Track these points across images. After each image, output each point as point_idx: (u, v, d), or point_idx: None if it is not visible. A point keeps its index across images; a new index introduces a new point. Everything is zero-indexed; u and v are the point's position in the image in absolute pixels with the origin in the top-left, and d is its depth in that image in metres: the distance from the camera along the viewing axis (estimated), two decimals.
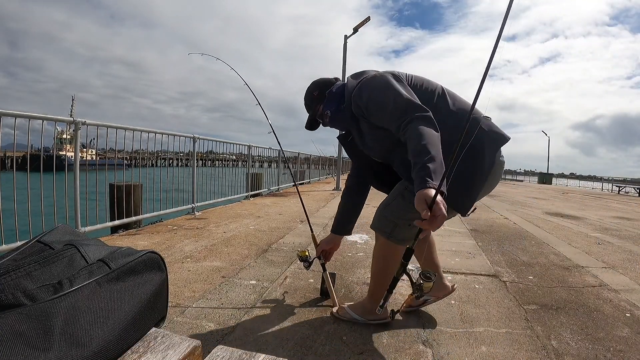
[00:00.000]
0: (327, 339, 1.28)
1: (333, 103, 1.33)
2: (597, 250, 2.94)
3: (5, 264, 0.47)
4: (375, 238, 1.38)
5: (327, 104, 1.34)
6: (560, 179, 28.98)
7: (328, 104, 1.34)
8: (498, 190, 10.90)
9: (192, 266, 2.06)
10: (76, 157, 2.61)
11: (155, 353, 0.50)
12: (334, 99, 1.34)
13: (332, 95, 1.35)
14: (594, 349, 1.29)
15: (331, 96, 1.34)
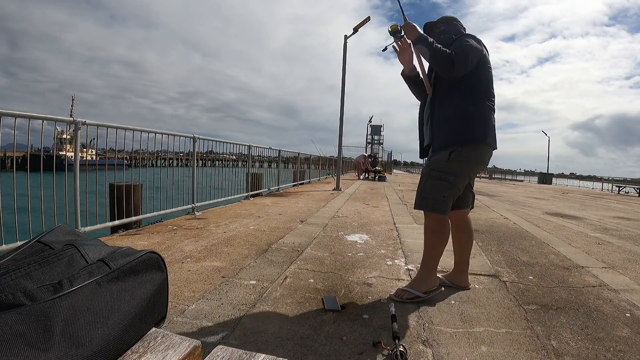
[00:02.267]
0: (327, 339, 1.28)
1: (450, 30, 1.89)
2: (597, 250, 2.94)
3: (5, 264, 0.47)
4: (424, 217, 1.76)
5: (446, 27, 1.90)
6: (560, 179, 29.00)
7: (447, 28, 1.89)
8: (498, 190, 10.90)
9: (192, 266, 2.06)
10: (76, 157, 2.61)
11: (155, 353, 0.49)
12: (452, 29, 1.89)
13: (452, 27, 1.90)
14: (594, 349, 1.29)
15: (451, 27, 1.90)
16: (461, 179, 1.70)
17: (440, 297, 1.75)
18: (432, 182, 1.69)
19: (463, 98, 1.70)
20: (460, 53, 1.60)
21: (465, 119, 1.68)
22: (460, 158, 1.66)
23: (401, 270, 2.15)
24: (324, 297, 1.65)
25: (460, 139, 1.66)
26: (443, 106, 1.73)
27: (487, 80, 1.75)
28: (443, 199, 1.67)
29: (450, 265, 2.31)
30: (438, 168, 1.69)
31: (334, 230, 3.30)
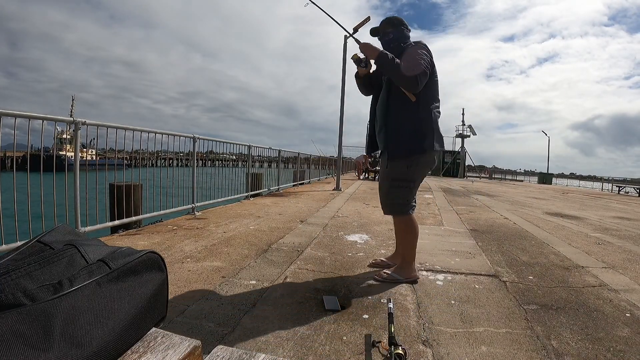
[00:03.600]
0: (327, 339, 1.28)
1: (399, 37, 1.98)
2: (597, 250, 2.94)
3: (5, 264, 0.47)
4: (395, 219, 2.00)
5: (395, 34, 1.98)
6: (560, 179, 29.00)
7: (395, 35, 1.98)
8: (498, 190, 10.90)
9: (192, 266, 2.06)
10: (76, 157, 2.61)
11: (155, 353, 0.50)
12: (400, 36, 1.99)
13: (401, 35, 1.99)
14: (594, 349, 1.29)
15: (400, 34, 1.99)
16: (418, 182, 1.97)
17: (440, 297, 1.75)
18: (397, 190, 1.91)
19: (415, 108, 1.84)
20: (422, 72, 1.74)
21: (419, 129, 1.85)
22: (416, 166, 1.89)
23: None
24: (324, 297, 1.65)
25: (415, 148, 1.85)
26: (397, 115, 1.88)
27: (434, 87, 1.91)
28: (407, 202, 1.92)
29: (450, 265, 2.31)
30: (399, 178, 1.90)
31: (334, 230, 3.30)
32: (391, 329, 1.23)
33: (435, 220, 4.19)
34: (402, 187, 1.90)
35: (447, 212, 5.00)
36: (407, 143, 1.85)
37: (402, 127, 1.86)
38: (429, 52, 1.85)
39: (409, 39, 1.98)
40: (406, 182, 1.90)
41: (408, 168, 1.87)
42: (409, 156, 1.86)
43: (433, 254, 2.56)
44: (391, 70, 1.76)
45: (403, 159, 1.87)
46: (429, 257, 2.47)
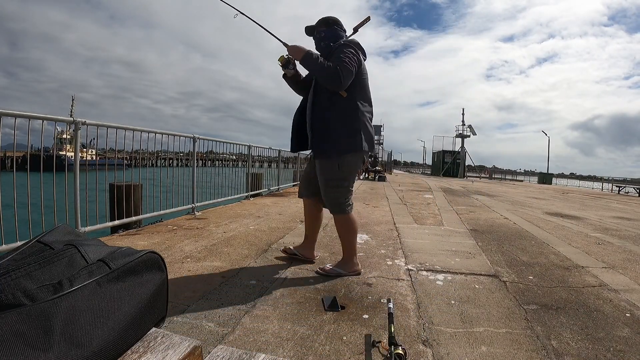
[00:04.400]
0: (327, 339, 1.28)
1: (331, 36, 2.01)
2: (597, 250, 2.94)
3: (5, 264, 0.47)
4: (335, 218, 2.03)
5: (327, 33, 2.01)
6: (560, 179, 29.00)
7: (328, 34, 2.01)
8: (498, 190, 10.90)
9: (192, 266, 2.06)
10: (76, 157, 2.61)
11: (155, 353, 0.50)
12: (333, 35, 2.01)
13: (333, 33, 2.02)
14: (594, 349, 1.29)
15: (333, 33, 2.02)
16: (352, 180, 2.02)
17: (440, 297, 1.75)
18: (334, 191, 1.97)
19: (343, 107, 1.88)
20: (345, 67, 1.76)
21: (347, 129, 1.88)
22: (347, 165, 1.93)
23: (401, 270, 2.15)
24: (324, 297, 1.65)
25: (343, 149, 1.88)
26: (325, 115, 1.91)
27: (363, 86, 1.93)
28: (346, 201, 1.98)
29: (450, 265, 2.31)
30: (333, 178, 1.95)
31: (334, 230, 3.30)
32: (391, 329, 1.23)
33: (435, 220, 4.19)
34: (337, 186, 1.95)
35: (447, 212, 5.00)
36: (335, 143, 1.88)
37: (330, 127, 1.89)
38: (358, 51, 1.89)
39: (341, 39, 1.99)
40: (339, 182, 1.94)
41: (339, 168, 1.91)
42: (338, 156, 1.89)
43: (433, 254, 2.56)
44: (315, 69, 1.80)
45: (332, 158, 1.90)
46: (429, 257, 2.47)
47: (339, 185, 1.95)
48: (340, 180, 1.94)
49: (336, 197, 1.97)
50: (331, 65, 1.76)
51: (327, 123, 1.90)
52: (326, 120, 1.90)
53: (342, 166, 1.91)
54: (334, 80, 1.76)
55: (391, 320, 1.28)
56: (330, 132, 1.89)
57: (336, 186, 1.95)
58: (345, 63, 1.76)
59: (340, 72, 1.74)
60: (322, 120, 1.91)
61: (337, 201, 1.97)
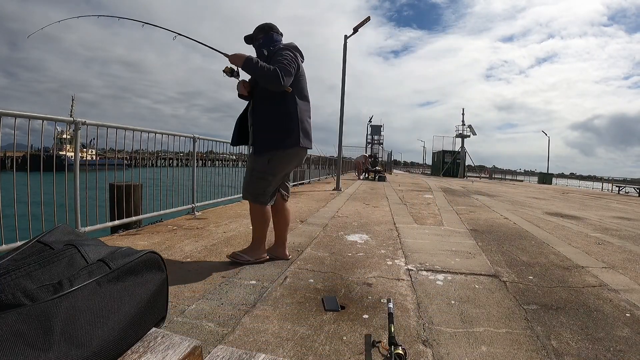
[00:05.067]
0: (327, 339, 1.28)
1: (268, 42, 2.13)
2: (597, 250, 2.94)
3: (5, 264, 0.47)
4: (250, 206, 2.12)
5: (265, 40, 2.13)
6: (560, 179, 29.00)
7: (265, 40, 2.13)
8: (498, 190, 10.90)
9: (192, 266, 2.06)
10: (76, 157, 2.60)
11: (155, 353, 0.50)
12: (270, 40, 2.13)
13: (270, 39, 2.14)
14: (594, 349, 1.29)
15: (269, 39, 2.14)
16: (279, 176, 2.11)
17: (440, 297, 1.75)
18: (256, 180, 2.07)
19: (279, 105, 2.00)
20: (284, 68, 1.89)
21: (282, 126, 2.01)
22: (277, 160, 2.04)
23: (401, 270, 2.15)
24: (324, 297, 1.65)
25: (276, 145, 2.01)
26: (262, 114, 2.05)
27: (301, 86, 2.07)
28: (263, 192, 2.08)
29: (450, 265, 2.31)
30: (260, 169, 2.05)
31: (334, 230, 3.30)
32: (391, 329, 1.23)
33: (435, 220, 4.19)
34: (262, 178, 2.05)
35: (447, 212, 5.00)
36: (270, 139, 2.02)
37: (266, 124, 2.03)
38: (296, 52, 2.05)
39: (279, 42, 2.13)
40: (265, 174, 2.05)
41: (269, 162, 2.03)
42: (270, 151, 2.02)
43: (433, 254, 2.56)
44: (256, 73, 1.92)
45: (265, 153, 2.03)
46: (429, 257, 2.47)
47: (263, 178, 2.05)
48: (266, 174, 2.05)
49: (257, 188, 2.07)
50: (270, 67, 1.88)
51: (265, 121, 2.04)
52: (264, 118, 2.04)
53: (272, 161, 2.03)
54: (274, 81, 1.88)
55: (391, 320, 1.28)
56: (266, 129, 2.03)
57: (260, 178, 2.06)
58: (284, 64, 1.90)
59: (280, 72, 1.86)
60: (260, 119, 2.05)
61: (256, 192, 2.07)
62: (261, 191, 2.07)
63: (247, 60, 1.90)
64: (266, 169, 2.04)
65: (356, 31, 7.94)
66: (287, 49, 2.02)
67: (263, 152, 2.04)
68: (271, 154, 2.03)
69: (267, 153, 2.03)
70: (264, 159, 2.04)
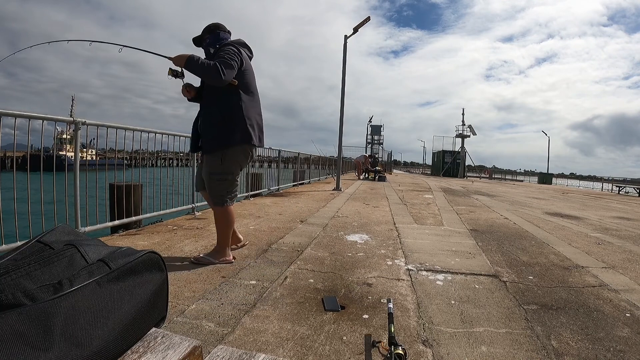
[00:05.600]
0: (327, 339, 1.28)
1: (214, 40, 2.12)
2: (597, 250, 2.94)
3: (5, 264, 0.47)
4: (215, 210, 2.12)
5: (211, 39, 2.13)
6: (560, 179, 29.00)
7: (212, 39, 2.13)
8: (498, 190, 10.90)
9: (192, 266, 2.06)
10: (76, 157, 2.60)
11: (155, 353, 0.50)
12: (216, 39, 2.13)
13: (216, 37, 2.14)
14: (594, 349, 1.29)
15: (216, 37, 2.13)
16: (236, 173, 2.11)
17: (440, 297, 1.75)
18: (217, 184, 2.06)
19: (223, 104, 2.00)
20: (224, 61, 1.88)
21: (227, 124, 2.00)
22: (230, 159, 2.03)
23: (401, 270, 2.15)
24: (324, 297, 1.65)
25: (225, 143, 2.00)
26: (209, 113, 2.05)
27: (246, 81, 2.06)
28: (227, 194, 2.08)
29: (450, 265, 2.31)
30: (216, 171, 2.05)
31: (334, 230, 3.30)
32: (391, 329, 1.23)
33: (435, 220, 4.19)
34: (220, 179, 2.05)
35: (447, 212, 5.00)
36: (217, 137, 2.01)
37: (212, 123, 2.03)
38: (241, 48, 2.05)
39: (225, 40, 2.12)
40: (222, 175, 2.04)
41: (222, 161, 2.02)
42: (219, 150, 2.01)
43: (433, 254, 2.56)
44: (198, 70, 1.90)
45: (215, 152, 2.02)
46: (429, 257, 2.47)
47: (222, 179, 2.05)
48: (224, 174, 2.05)
49: (219, 190, 2.06)
50: (211, 63, 1.88)
51: (211, 120, 2.03)
52: (211, 117, 2.04)
53: (224, 159, 2.02)
54: (215, 75, 1.86)
55: (391, 320, 1.28)
56: (214, 127, 2.02)
57: (220, 179, 2.05)
58: (225, 59, 1.90)
59: (220, 67, 1.85)
60: (207, 118, 2.05)
61: (219, 194, 2.07)
62: (225, 192, 2.07)
63: (189, 59, 1.89)
64: (222, 169, 2.04)
65: (356, 31, 7.94)
66: (231, 44, 2.02)
67: (212, 150, 2.03)
68: (222, 152, 2.02)
69: (217, 152, 2.02)
70: (216, 159, 2.03)
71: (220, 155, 2.01)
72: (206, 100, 2.07)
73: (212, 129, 2.02)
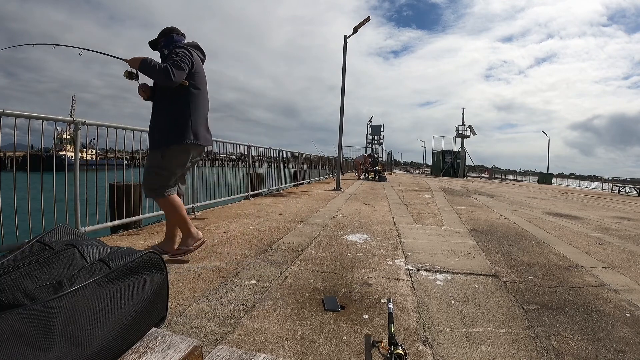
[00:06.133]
0: (327, 339, 1.28)
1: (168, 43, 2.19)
2: (597, 250, 2.94)
3: (5, 264, 0.47)
4: (158, 202, 2.18)
5: (165, 42, 2.20)
6: (560, 179, 28.99)
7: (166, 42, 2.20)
8: (498, 190, 10.90)
9: (192, 266, 2.06)
10: (76, 157, 2.61)
11: (155, 353, 0.50)
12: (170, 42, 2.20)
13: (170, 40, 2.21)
14: (594, 349, 1.29)
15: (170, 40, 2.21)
16: (174, 171, 2.15)
17: (440, 297, 1.75)
18: (153, 177, 2.13)
19: (172, 104, 2.08)
20: (174, 63, 1.96)
21: (172, 123, 2.07)
22: (170, 156, 2.10)
23: (401, 270, 2.15)
24: (324, 297, 1.65)
25: (167, 141, 2.07)
26: (158, 112, 2.13)
27: (197, 83, 2.13)
28: (162, 187, 2.13)
29: (450, 265, 2.31)
30: (154, 165, 2.13)
31: (334, 230, 3.30)
32: (391, 329, 1.23)
33: (435, 220, 4.19)
34: (157, 173, 2.12)
35: (447, 212, 5.00)
36: (161, 135, 2.09)
37: (159, 121, 2.12)
38: (192, 49, 2.14)
39: (179, 42, 2.20)
40: (160, 170, 2.11)
41: (162, 157, 2.09)
42: (162, 147, 2.09)
43: (433, 254, 2.56)
44: (150, 72, 1.98)
45: (157, 149, 2.11)
46: (429, 257, 2.47)
47: (157, 173, 2.12)
48: (160, 169, 2.11)
49: (151, 183, 2.14)
50: (162, 65, 1.96)
51: (159, 118, 2.12)
52: (159, 116, 2.12)
53: (165, 156, 2.09)
54: (164, 77, 1.94)
55: (391, 320, 1.28)
56: (160, 126, 2.11)
57: (154, 173, 2.12)
58: (175, 61, 1.98)
59: (170, 68, 1.93)
60: (156, 116, 2.14)
61: (151, 187, 2.15)
62: (159, 185, 2.12)
63: (142, 61, 1.97)
64: (161, 164, 2.10)
65: (356, 31, 7.94)
66: (182, 47, 2.10)
67: (155, 147, 2.11)
68: (163, 149, 2.09)
69: (159, 148, 2.10)
70: (157, 154, 2.11)
71: (161, 152, 2.10)
72: (157, 100, 2.15)
73: (159, 127, 2.11)
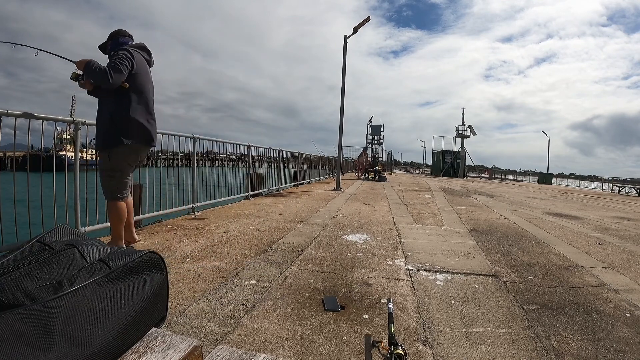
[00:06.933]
0: (327, 339, 1.28)
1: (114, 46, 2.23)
2: (597, 250, 2.94)
3: (5, 264, 0.47)
4: (108, 205, 2.25)
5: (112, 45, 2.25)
6: (560, 179, 28.99)
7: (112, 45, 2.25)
8: (498, 190, 10.90)
9: (192, 266, 2.06)
10: (76, 157, 2.60)
11: (155, 353, 0.50)
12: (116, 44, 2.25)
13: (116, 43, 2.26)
14: (594, 349, 1.29)
15: (115, 43, 2.26)
16: (125, 171, 2.23)
17: (440, 297, 1.75)
18: (107, 180, 2.20)
19: (114, 105, 2.13)
20: (113, 66, 2.02)
21: (114, 123, 2.12)
22: (117, 157, 2.16)
23: (401, 270, 2.15)
24: (324, 297, 1.65)
25: (111, 141, 2.12)
26: (99, 113, 2.18)
27: (137, 83, 2.18)
28: (117, 189, 2.20)
29: (450, 265, 2.31)
30: (105, 168, 2.18)
31: (334, 230, 3.30)
32: (391, 329, 1.23)
33: (435, 220, 4.19)
34: (110, 176, 2.18)
35: (447, 212, 5.00)
36: (105, 136, 2.13)
37: (102, 122, 2.16)
38: (134, 51, 2.20)
39: (125, 44, 2.25)
40: (111, 172, 2.17)
41: (110, 159, 2.15)
42: (107, 148, 2.13)
43: (433, 254, 2.56)
44: (92, 75, 2.02)
45: (103, 150, 2.15)
46: (429, 257, 2.47)
47: (111, 176, 2.19)
48: (112, 171, 2.17)
49: (109, 186, 2.20)
50: (102, 67, 2.02)
51: (102, 119, 2.16)
52: (101, 117, 2.17)
53: (112, 157, 2.15)
54: (103, 79, 2.00)
55: (391, 320, 1.28)
56: (103, 127, 2.15)
57: (109, 176, 2.19)
58: (115, 63, 2.04)
59: (108, 71, 1.99)
60: (98, 117, 2.19)
61: (110, 189, 2.21)
62: (114, 188, 2.19)
63: (87, 64, 2.01)
64: (110, 166, 2.16)
65: (356, 31, 7.94)
66: (124, 49, 2.14)
67: (101, 148, 2.15)
68: (109, 150, 2.13)
69: (106, 149, 2.14)
70: (105, 156, 2.16)
71: (108, 152, 2.14)
72: (100, 101, 2.19)
73: (102, 128, 2.15)
